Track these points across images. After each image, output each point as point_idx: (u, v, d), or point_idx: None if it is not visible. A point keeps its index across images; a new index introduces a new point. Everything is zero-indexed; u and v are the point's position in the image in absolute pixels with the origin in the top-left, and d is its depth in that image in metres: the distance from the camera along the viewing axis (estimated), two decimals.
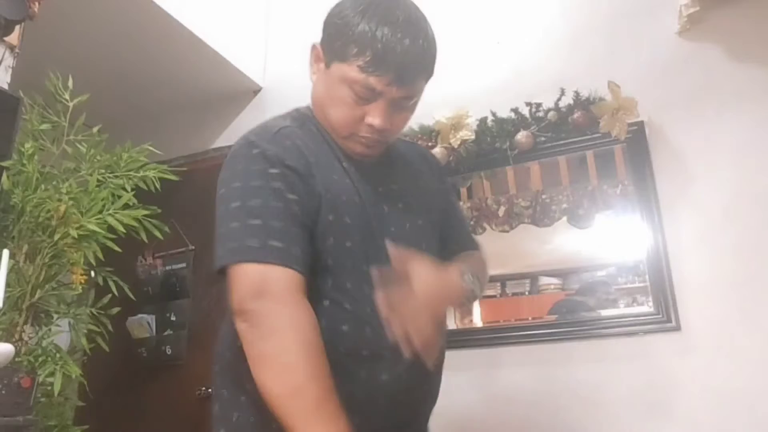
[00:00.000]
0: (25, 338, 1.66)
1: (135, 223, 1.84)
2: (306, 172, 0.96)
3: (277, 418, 0.81)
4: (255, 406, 0.90)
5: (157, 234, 1.93)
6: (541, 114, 2.11)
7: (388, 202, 1.05)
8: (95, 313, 1.85)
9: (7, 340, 1.52)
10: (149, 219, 1.90)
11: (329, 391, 0.82)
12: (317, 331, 0.85)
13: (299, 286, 0.87)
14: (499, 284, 2.29)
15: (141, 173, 1.95)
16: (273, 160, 0.94)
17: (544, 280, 2.26)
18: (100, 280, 1.88)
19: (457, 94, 2.27)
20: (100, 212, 1.78)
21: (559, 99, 2.07)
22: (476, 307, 2.31)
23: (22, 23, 1.74)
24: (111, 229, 1.78)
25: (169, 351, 2.58)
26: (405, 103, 1.02)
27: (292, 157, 0.96)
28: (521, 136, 2.10)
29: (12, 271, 1.59)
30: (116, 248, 1.81)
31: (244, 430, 0.94)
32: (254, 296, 0.85)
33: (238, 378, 0.95)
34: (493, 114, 2.16)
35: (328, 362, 0.84)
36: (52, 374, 1.61)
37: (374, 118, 0.99)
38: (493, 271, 2.29)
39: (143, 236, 1.89)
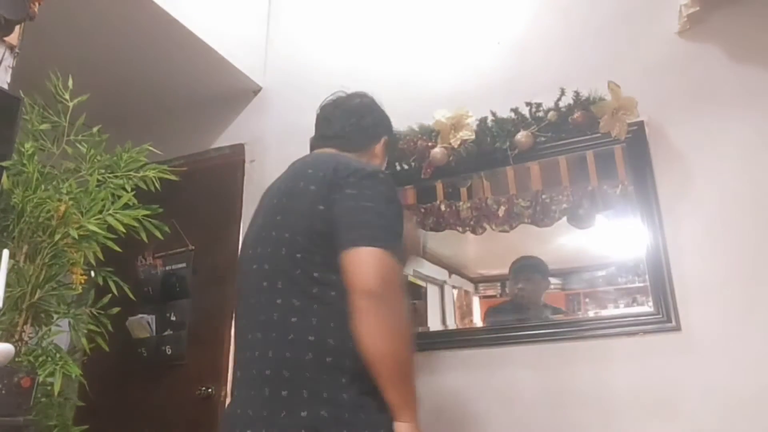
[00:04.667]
0: (25, 338, 1.67)
1: (135, 223, 1.84)
2: None
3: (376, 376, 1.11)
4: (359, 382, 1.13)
5: (157, 234, 1.93)
6: (541, 114, 2.11)
7: None
8: (95, 313, 1.85)
9: (7, 340, 1.52)
10: (149, 219, 1.90)
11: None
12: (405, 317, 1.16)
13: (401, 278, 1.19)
14: (499, 284, 2.30)
15: (141, 173, 1.95)
16: (394, 188, 1.31)
17: None
18: (100, 280, 1.89)
19: (457, 94, 2.27)
20: (100, 212, 1.78)
21: (559, 99, 2.07)
22: (476, 307, 2.32)
23: (22, 23, 1.74)
24: (111, 229, 1.78)
25: (169, 351, 2.58)
26: None
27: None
28: (521, 136, 2.09)
29: (12, 271, 1.59)
30: (116, 248, 1.81)
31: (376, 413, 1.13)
32: (384, 280, 1.12)
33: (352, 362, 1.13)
34: (493, 114, 2.16)
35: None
36: (52, 374, 1.61)
37: None
38: (493, 271, 2.33)
39: (143, 236, 1.89)
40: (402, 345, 1.11)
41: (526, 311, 2.16)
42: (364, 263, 1.13)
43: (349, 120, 1.53)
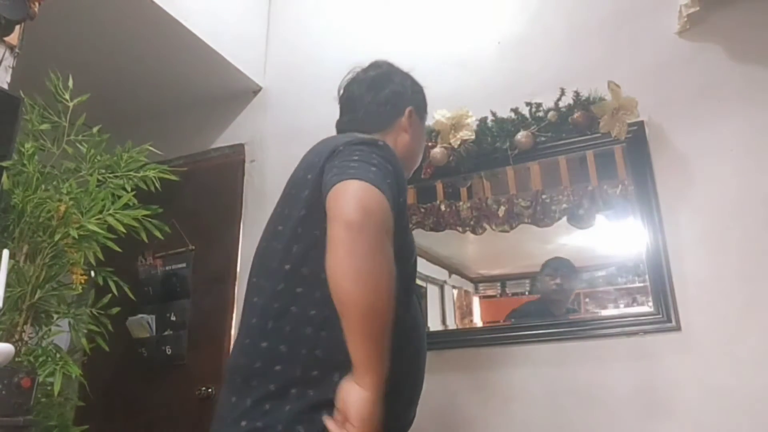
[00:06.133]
0: (25, 338, 1.67)
1: (135, 224, 1.84)
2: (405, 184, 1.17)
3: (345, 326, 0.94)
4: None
5: (157, 234, 1.94)
6: (541, 114, 2.11)
7: None
8: (95, 313, 1.85)
9: (7, 340, 1.53)
10: (149, 219, 1.90)
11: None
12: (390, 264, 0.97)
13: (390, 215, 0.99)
14: (499, 284, 2.30)
15: (141, 173, 1.95)
16: (394, 158, 1.13)
17: None
18: (100, 280, 1.89)
19: (457, 94, 2.27)
20: (101, 212, 1.78)
21: (559, 99, 2.07)
22: (476, 307, 2.31)
23: (22, 23, 1.74)
24: (111, 229, 1.78)
25: (169, 351, 2.58)
26: None
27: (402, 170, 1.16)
28: (521, 136, 2.10)
29: (12, 271, 1.59)
30: (116, 248, 1.82)
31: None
32: (366, 211, 0.95)
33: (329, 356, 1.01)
34: (493, 114, 2.16)
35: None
36: (52, 374, 1.62)
37: None
38: (493, 271, 2.33)
39: (143, 236, 1.89)
40: (375, 291, 0.92)
41: (557, 307, 2.14)
42: (342, 193, 0.97)
43: (364, 99, 1.37)
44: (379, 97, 1.37)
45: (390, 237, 0.97)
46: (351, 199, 0.95)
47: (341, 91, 1.44)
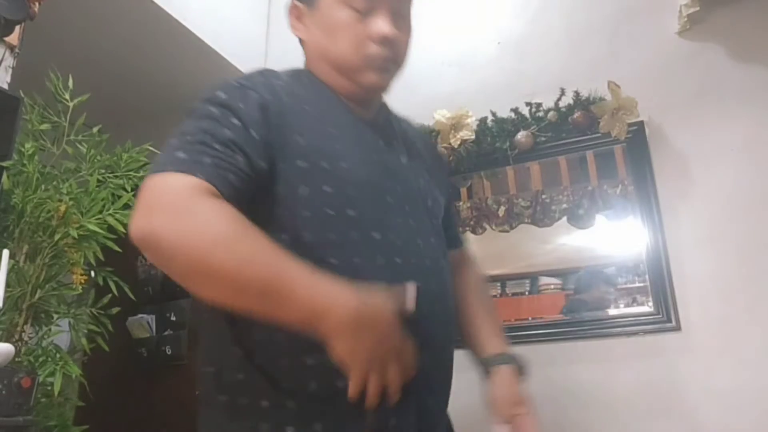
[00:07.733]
0: (25, 338, 1.66)
1: None
2: (276, 106, 0.92)
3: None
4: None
5: None
6: (541, 114, 2.11)
7: (396, 163, 1.04)
8: (95, 313, 1.85)
9: (7, 340, 1.52)
10: None
11: (251, 258, 0.77)
12: (222, 219, 0.78)
13: (201, 189, 0.79)
14: (499, 284, 2.29)
15: (141, 173, 1.95)
16: (223, 102, 0.94)
17: (544, 280, 2.26)
18: (100, 280, 1.88)
19: (457, 94, 2.27)
20: (101, 212, 1.78)
21: (559, 99, 2.07)
22: None
23: (22, 23, 1.73)
24: (111, 229, 1.78)
25: (169, 351, 2.58)
26: (405, 10, 1.05)
27: (258, 91, 0.94)
28: (521, 136, 2.10)
29: (12, 271, 1.59)
30: (116, 248, 1.81)
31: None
32: (146, 213, 0.82)
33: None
34: (493, 114, 2.16)
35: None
36: (52, 374, 1.61)
37: (380, 25, 0.97)
38: (493, 271, 2.33)
39: None
40: (217, 275, 0.79)
41: (597, 308, 2.12)
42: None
43: None
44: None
45: (193, 205, 0.79)
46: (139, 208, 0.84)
47: None
